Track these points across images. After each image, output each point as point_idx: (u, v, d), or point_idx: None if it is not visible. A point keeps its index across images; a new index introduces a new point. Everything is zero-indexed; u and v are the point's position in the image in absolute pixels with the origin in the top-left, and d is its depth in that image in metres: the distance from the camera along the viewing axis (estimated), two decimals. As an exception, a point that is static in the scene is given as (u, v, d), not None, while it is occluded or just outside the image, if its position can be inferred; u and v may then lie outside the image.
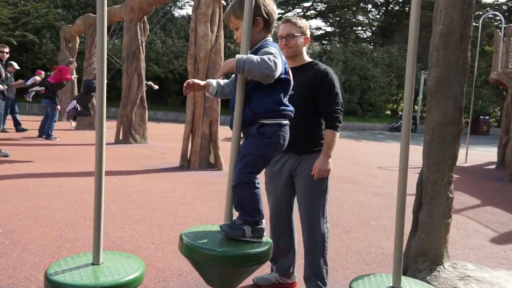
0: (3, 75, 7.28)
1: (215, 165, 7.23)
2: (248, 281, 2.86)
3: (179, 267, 3.08)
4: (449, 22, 2.56)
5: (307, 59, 2.71)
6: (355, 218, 4.74)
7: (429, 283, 2.49)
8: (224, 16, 1.85)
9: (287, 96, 1.86)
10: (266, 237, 1.76)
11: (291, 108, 1.85)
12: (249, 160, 1.72)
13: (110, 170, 6.48)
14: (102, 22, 1.56)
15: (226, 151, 8.65)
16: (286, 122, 1.84)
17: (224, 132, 7.15)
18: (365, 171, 8.05)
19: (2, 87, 7.12)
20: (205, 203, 4.99)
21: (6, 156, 7.17)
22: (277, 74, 1.66)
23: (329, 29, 34.80)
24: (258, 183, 1.75)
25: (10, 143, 8.65)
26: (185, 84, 1.86)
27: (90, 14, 13.44)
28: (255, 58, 1.63)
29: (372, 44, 32.03)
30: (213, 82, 1.91)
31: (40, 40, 20.30)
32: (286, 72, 1.81)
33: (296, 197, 2.79)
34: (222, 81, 1.95)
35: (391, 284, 1.61)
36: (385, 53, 27.60)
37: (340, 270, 3.25)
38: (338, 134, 2.59)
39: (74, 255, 1.68)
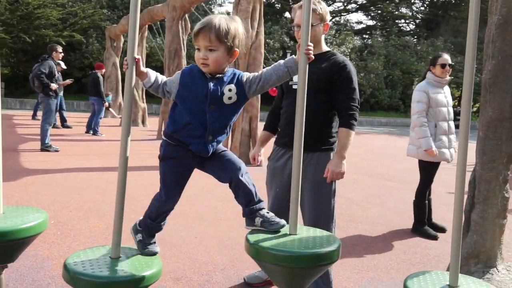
0: (56, 75, 7.63)
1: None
2: (239, 279, 2.84)
3: (221, 261, 3.11)
4: (506, 12, 2.41)
5: (325, 48, 2.52)
6: (399, 217, 4.60)
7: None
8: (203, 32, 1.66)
9: None
10: (334, 236, 1.71)
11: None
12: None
13: (152, 165, 6.65)
14: (134, 24, 1.60)
15: (266, 147, 8.64)
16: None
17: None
18: (409, 168, 7.79)
19: (55, 86, 7.47)
20: (246, 198, 5.01)
21: (57, 151, 7.52)
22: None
23: (370, 22, 34.02)
24: None
25: (59, 139, 9.06)
26: (124, 60, 1.65)
27: (134, 13, 13.82)
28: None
29: (415, 37, 30.97)
30: (152, 75, 1.73)
31: (87, 40, 21.13)
32: None
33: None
34: (161, 78, 1.77)
35: (448, 282, 1.54)
36: (430, 46, 26.60)
37: (385, 270, 3.16)
38: (353, 133, 2.39)
39: (93, 248, 1.71)
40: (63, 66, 11.16)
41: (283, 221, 1.70)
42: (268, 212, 1.74)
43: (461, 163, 1.51)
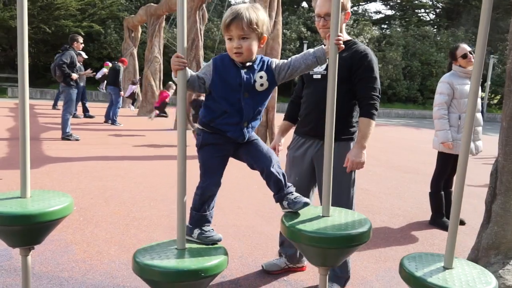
0: (77, 65, 7.75)
1: (272, 151, 7.27)
2: (257, 267, 2.87)
3: (239, 249, 3.15)
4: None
5: (346, 37, 2.49)
6: (416, 209, 4.57)
7: (501, 276, 2.36)
8: (236, 21, 1.66)
9: None
10: (366, 218, 1.77)
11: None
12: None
13: (169, 155, 6.74)
14: (182, 12, 1.65)
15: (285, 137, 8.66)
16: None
17: (281, 120, 7.15)
18: (427, 160, 7.71)
19: (76, 76, 7.59)
20: (262, 189, 5.03)
21: (77, 140, 7.67)
22: None
23: (389, 12, 33.39)
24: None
25: (80, 128, 9.23)
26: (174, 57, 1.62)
27: (152, 4, 13.88)
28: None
29: (435, 27, 30.36)
30: (188, 71, 1.67)
31: (105, 31, 21.34)
32: None
33: (317, 186, 2.60)
34: (194, 73, 1.73)
35: (443, 264, 1.58)
36: (450, 37, 26.06)
37: (402, 261, 3.15)
38: (374, 122, 2.37)
39: (159, 241, 1.73)
40: (85, 56, 11.32)
41: (305, 199, 1.77)
42: (292, 194, 1.81)
43: (464, 151, 1.52)
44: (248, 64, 1.72)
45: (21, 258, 1.80)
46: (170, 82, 13.23)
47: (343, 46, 1.70)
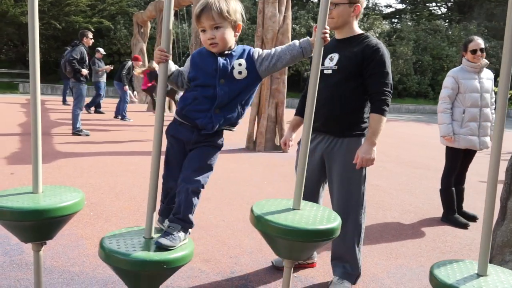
0: (87, 61, 7.76)
1: (281, 147, 7.24)
2: (267, 263, 2.86)
3: (249, 244, 3.15)
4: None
5: (357, 30, 2.45)
6: (428, 205, 4.52)
7: (516, 276, 2.31)
8: (205, 12, 1.66)
9: None
10: (336, 214, 1.75)
11: None
12: (212, 169, 1.80)
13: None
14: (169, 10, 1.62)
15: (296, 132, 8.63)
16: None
17: (290, 115, 7.11)
18: (438, 156, 7.62)
19: (86, 71, 7.62)
20: (272, 184, 5.02)
21: (87, 135, 7.72)
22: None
23: (399, 6, 33.00)
24: None
25: (89, 123, 9.28)
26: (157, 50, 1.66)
27: (161, -1, 13.86)
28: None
29: (447, 21, 29.95)
30: (172, 66, 1.74)
31: (115, 26, 21.41)
32: None
33: (327, 183, 2.57)
34: (178, 68, 1.79)
35: (476, 272, 1.51)
36: (462, 31, 25.68)
37: (414, 258, 3.12)
38: (385, 119, 2.33)
39: (128, 228, 1.77)
40: (103, 52, 11.36)
41: (166, 244, 1.58)
42: (173, 231, 1.64)
43: (496, 149, 1.46)
44: (226, 52, 1.72)
45: (33, 253, 1.81)
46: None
47: (328, 39, 1.70)
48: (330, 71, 2.44)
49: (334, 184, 2.49)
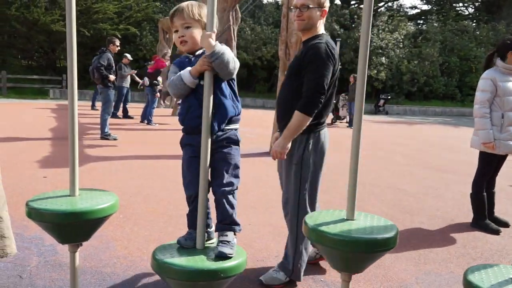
0: (114, 67, 7.97)
1: (305, 151, 7.22)
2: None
3: (275, 248, 3.16)
4: None
5: (317, 32, 2.48)
6: (457, 210, 4.43)
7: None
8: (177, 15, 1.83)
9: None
10: (392, 224, 1.72)
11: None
12: (239, 167, 1.82)
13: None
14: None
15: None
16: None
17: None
18: (467, 160, 7.45)
19: (113, 77, 7.83)
20: (297, 188, 5.02)
21: (115, 139, 7.90)
22: (235, 71, 1.75)
23: (425, 7, 32.43)
24: None
25: (117, 128, 9.50)
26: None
27: (186, 5, 14.07)
28: (230, 54, 1.69)
29: (474, 21, 29.21)
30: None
31: (141, 33, 21.85)
32: None
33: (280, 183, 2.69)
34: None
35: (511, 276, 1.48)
36: (490, 31, 25.03)
37: (443, 264, 3.07)
38: (303, 116, 2.32)
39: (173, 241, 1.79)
40: (129, 58, 11.63)
41: (227, 252, 1.67)
42: (228, 239, 1.75)
43: None
44: (198, 53, 1.81)
45: (69, 254, 1.88)
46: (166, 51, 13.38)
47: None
48: (287, 72, 2.57)
49: (283, 175, 2.59)
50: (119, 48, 8.33)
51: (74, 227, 1.70)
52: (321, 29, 2.50)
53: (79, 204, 1.71)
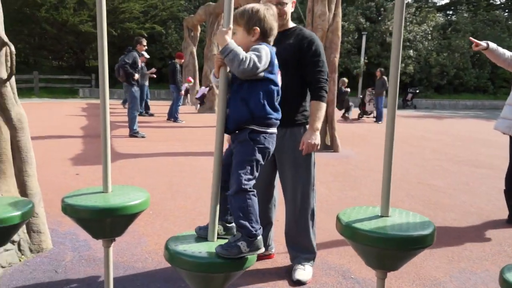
0: (139, 65, 8.12)
1: (331, 147, 7.16)
2: (323, 264, 2.84)
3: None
4: None
5: (291, 24, 2.60)
6: (492, 206, 4.29)
7: None
8: None
9: (278, 100, 1.74)
10: (429, 220, 1.67)
11: (279, 115, 1.74)
12: (246, 166, 1.64)
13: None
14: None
15: (342, 132, 8.53)
16: (273, 130, 1.74)
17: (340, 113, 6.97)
18: (501, 154, 7.19)
19: (137, 76, 7.96)
20: (324, 184, 4.98)
21: (143, 137, 8.05)
22: (254, 72, 1.62)
23: (454, -3, 31.44)
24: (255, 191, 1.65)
25: (144, 126, 9.66)
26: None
27: (211, 3, 14.15)
28: (243, 52, 1.60)
29: (507, 11, 28.13)
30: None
31: (166, 31, 22.13)
32: (274, 72, 1.72)
33: (278, 172, 2.68)
34: None
35: None
36: (524, 21, 24.05)
37: (478, 261, 2.98)
38: (324, 104, 2.50)
39: (191, 231, 1.76)
40: (147, 56, 11.79)
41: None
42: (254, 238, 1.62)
43: None
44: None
45: (103, 250, 1.93)
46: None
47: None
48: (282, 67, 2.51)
49: (286, 172, 2.60)
50: (146, 48, 8.46)
51: (107, 223, 1.74)
52: (290, 18, 2.61)
53: (112, 200, 1.75)
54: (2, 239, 1.81)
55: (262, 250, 1.62)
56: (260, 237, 1.61)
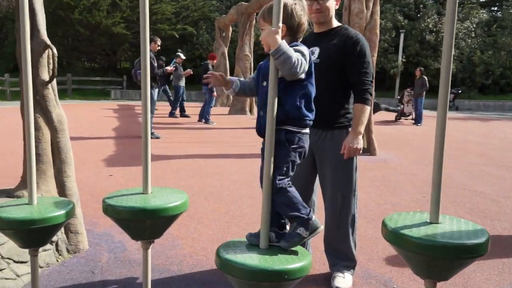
0: (155, 65, 7.89)
1: (368, 150, 6.94)
2: (363, 272, 2.72)
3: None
4: None
5: (336, 23, 2.49)
6: (543, 215, 4.01)
7: None
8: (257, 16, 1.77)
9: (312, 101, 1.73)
10: (483, 228, 1.56)
11: (313, 116, 1.74)
12: (283, 168, 1.65)
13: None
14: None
15: (379, 135, 8.27)
16: (307, 131, 1.73)
17: (378, 116, 6.75)
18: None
19: (160, 73, 7.88)
20: (361, 188, 4.80)
21: (157, 138, 7.92)
22: (300, 75, 1.60)
23: (499, -8, 30.16)
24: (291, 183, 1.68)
25: (175, 127, 9.73)
26: (209, 74, 1.86)
27: (243, 3, 14.12)
28: (294, 54, 1.55)
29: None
30: (235, 80, 1.87)
31: (197, 32, 22.31)
32: (311, 73, 1.70)
33: (318, 176, 2.59)
34: (243, 80, 1.91)
35: None
36: None
37: (534, 275, 2.76)
38: (368, 108, 2.39)
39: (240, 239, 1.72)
40: (182, 57, 11.86)
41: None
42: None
43: None
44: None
45: (142, 251, 1.88)
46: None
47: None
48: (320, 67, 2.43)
49: (327, 176, 2.51)
50: (159, 47, 8.22)
51: (147, 224, 1.71)
52: (334, 17, 2.50)
53: (153, 202, 1.71)
54: (45, 239, 1.81)
55: (321, 228, 1.65)
56: (314, 218, 1.64)
